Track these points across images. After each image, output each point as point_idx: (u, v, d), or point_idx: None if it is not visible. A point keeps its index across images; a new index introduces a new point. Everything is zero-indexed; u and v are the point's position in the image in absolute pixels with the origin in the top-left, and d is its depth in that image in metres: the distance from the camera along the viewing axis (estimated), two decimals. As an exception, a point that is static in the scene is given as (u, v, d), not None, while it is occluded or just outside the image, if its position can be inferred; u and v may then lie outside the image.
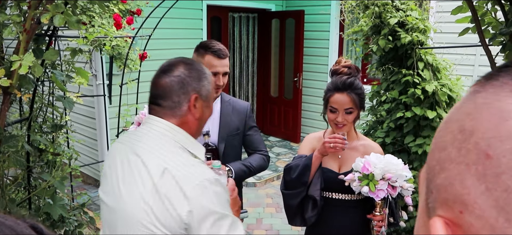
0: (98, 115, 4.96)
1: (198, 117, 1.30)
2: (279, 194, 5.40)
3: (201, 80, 1.31)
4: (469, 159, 0.32)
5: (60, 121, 2.21)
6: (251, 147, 2.32)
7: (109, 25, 3.58)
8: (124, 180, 1.24)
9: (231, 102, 2.26)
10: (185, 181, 1.15)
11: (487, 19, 1.86)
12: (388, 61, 3.18)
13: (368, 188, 1.77)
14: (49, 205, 1.87)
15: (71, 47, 2.04)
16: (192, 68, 1.31)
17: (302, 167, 1.94)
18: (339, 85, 1.91)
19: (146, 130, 1.29)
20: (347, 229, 2.03)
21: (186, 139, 1.28)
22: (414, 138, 3.05)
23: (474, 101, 0.35)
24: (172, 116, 1.27)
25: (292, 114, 7.54)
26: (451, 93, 2.96)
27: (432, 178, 0.37)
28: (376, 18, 3.00)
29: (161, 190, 1.15)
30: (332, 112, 1.94)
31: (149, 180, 1.17)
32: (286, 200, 2.04)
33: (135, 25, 3.82)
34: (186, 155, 1.25)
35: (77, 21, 1.42)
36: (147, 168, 1.19)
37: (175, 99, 1.27)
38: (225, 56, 2.09)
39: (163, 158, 1.21)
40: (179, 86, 1.27)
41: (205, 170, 1.22)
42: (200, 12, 6.07)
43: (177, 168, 1.18)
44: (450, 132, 0.36)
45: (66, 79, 2.08)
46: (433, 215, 0.36)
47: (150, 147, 1.24)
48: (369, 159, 1.81)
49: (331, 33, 7.06)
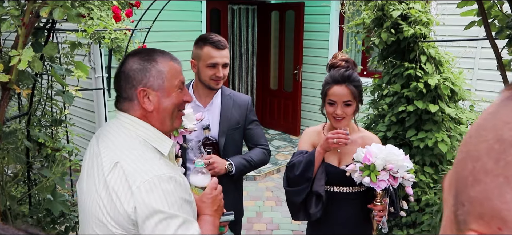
0: (97, 109, 4.93)
1: (153, 109, 1.25)
2: (279, 188, 5.39)
3: (147, 71, 1.24)
4: (508, 171, 0.30)
5: (60, 115, 2.18)
6: (251, 141, 2.30)
7: (108, 17, 3.55)
8: (88, 174, 1.24)
9: (232, 96, 2.24)
10: (134, 177, 1.11)
11: (494, 12, 1.83)
12: (390, 54, 3.16)
13: (369, 179, 1.77)
14: (49, 201, 1.85)
15: (71, 41, 2.01)
16: (136, 61, 1.26)
17: (305, 163, 1.92)
18: (337, 77, 1.91)
19: (113, 122, 1.29)
20: (348, 221, 2.04)
21: (150, 133, 1.25)
22: (416, 132, 3.03)
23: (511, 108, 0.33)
24: (132, 110, 1.25)
25: (291, 107, 7.52)
26: (453, 87, 2.94)
27: (464, 189, 0.34)
28: (379, 11, 2.97)
29: (110, 184, 1.13)
30: (331, 105, 1.93)
31: (101, 174, 1.16)
32: (290, 197, 2.03)
33: (134, 18, 3.78)
34: (144, 150, 1.20)
35: (77, 15, 1.39)
36: (101, 161, 1.18)
37: (125, 95, 1.25)
38: (224, 47, 2.06)
39: (118, 151, 1.18)
40: (125, 81, 1.24)
41: (159, 166, 1.16)
42: (199, 4, 6.02)
43: (129, 162, 1.14)
44: (484, 140, 0.33)
45: (66, 73, 2.05)
46: (465, 229, 0.34)
47: (110, 140, 1.23)
48: (370, 149, 1.81)
49: (331, 25, 7.02)
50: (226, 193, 2.19)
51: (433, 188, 2.93)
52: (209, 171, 2.02)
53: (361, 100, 1.98)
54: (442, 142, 2.87)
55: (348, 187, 2.00)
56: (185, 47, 5.81)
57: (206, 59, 2.05)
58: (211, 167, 2.02)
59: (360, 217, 2.05)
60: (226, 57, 2.07)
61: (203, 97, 2.17)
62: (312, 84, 7.42)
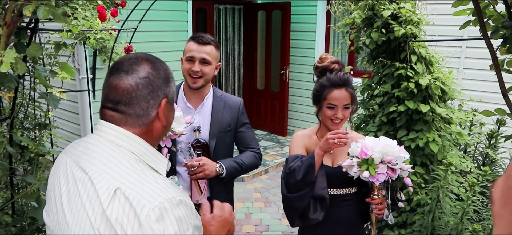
0: (82, 111, 4.82)
1: (165, 124, 1.12)
2: (268, 189, 5.35)
3: (169, 81, 1.11)
4: None
5: (45, 119, 2.10)
6: (243, 144, 2.26)
7: (92, 17, 3.46)
8: (70, 204, 1.00)
9: (223, 97, 2.19)
10: (141, 203, 0.93)
11: (488, 12, 1.82)
12: (380, 54, 3.14)
13: (368, 173, 1.75)
14: (34, 208, 1.77)
15: (55, 41, 1.93)
16: (158, 68, 1.10)
17: (306, 167, 1.89)
18: (337, 81, 1.90)
19: (95, 138, 1.07)
20: (343, 223, 2.03)
21: (145, 150, 1.07)
22: (407, 132, 3.01)
23: None
24: (136, 125, 1.06)
25: (278, 107, 7.49)
26: (444, 86, 2.93)
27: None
28: (369, 10, 2.95)
29: (112, 217, 0.92)
30: (330, 108, 1.92)
31: (98, 205, 0.94)
32: (291, 203, 1.97)
33: (119, 17, 3.69)
34: (144, 169, 1.02)
35: (63, 13, 1.32)
36: (95, 189, 0.96)
37: (143, 106, 1.05)
38: (204, 43, 2.00)
39: (115, 174, 0.98)
40: (149, 90, 1.06)
41: (166, 188, 0.98)
42: (185, 3, 5.95)
43: (131, 187, 0.95)
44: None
45: (50, 75, 1.98)
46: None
47: (99, 160, 1.01)
48: (365, 143, 1.79)
49: (318, 25, 7.02)
50: (216, 196, 2.15)
51: (425, 188, 2.92)
52: (199, 173, 1.98)
53: (356, 101, 1.99)
54: (433, 142, 2.86)
55: (342, 188, 2.00)
56: (171, 48, 5.74)
57: (186, 52, 2.02)
58: (201, 169, 1.97)
59: (354, 219, 2.04)
60: (205, 53, 1.99)
61: (193, 99, 2.12)
62: (299, 84, 7.41)
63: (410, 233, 3.10)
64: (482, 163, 3.45)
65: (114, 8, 3.70)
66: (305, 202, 1.91)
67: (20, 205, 2.05)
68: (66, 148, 1.15)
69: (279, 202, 4.97)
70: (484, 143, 3.50)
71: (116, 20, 3.70)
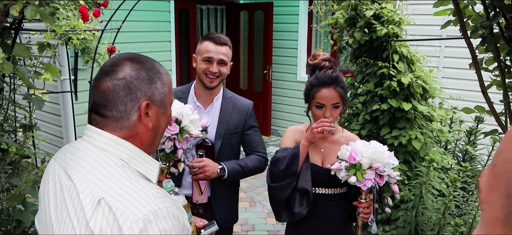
0: (64, 112, 4.75)
1: (151, 127, 1.06)
2: (252, 188, 5.37)
3: (153, 82, 1.06)
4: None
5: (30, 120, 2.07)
6: (249, 147, 2.23)
7: (74, 17, 3.42)
8: (56, 212, 0.98)
9: (233, 99, 2.19)
10: (125, 214, 0.89)
11: (467, 12, 1.87)
12: (363, 54, 3.19)
13: (356, 178, 1.74)
14: (20, 211, 1.75)
15: (39, 42, 1.91)
16: (140, 68, 1.05)
17: (290, 157, 1.88)
18: (325, 79, 1.86)
19: (82, 144, 1.04)
20: (330, 223, 2.01)
21: (135, 156, 1.04)
22: (390, 130, 3.07)
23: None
24: (118, 129, 1.02)
25: (262, 107, 7.52)
26: (425, 85, 3.00)
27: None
28: (352, 10, 3.00)
29: (95, 228, 0.89)
30: (319, 108, 1.89)
31: (82, 215, 0.91)
32: (274, 193, 1.95)
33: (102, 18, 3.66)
34: (131, 177, 0.98)
35: (51, 14, 1.31)
36: (79, 198, 0.93)
37: (121, 108, 1.02)
38: (222, 43, 2.02)
39: (100, 182, 0.95)
40: (126, 92, 1.02)
41: (153, 198, 0.94)
42: (167, 4, 5.92)
43: (115, 197, 0.92)
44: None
45: (34, 76, 1.95)
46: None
47: (86, 168, 0.99)
48: (355, 147, 1.78)
49: (300, 25, 7.07)
50: (218, 197, 2.15)
51: (408, 185, 2.98)
52: (200, 174, 1.98)
53: (346, 101, 1.96)
54: (415, 139, 2.93)
55: (330, 188, 1.97)
56: (154, 48, 5.71)
57: (203, 53, 2.02)
58: (202, 170, 1.97)
59: (342, 219, 2.03)
60: (223, 54, 2.02)
61: (203, 98, 2.11)
62: (282, 84, 7.45)
63: (394, 229, 3.16)
64: (462, 159, 3.54)
65: (97, 9, 3.67)
66: (288, 192, 1.89)
67: (5, 210, 2.02)
68: (56, 154, 1.13)
69: (264, 201, 5.00)
70: (463, 139, 3.59)
71: (99, 20, 3.67)
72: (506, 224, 0.36)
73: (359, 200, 1.85)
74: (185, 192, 2.06)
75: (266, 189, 5.31)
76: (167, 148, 1.74)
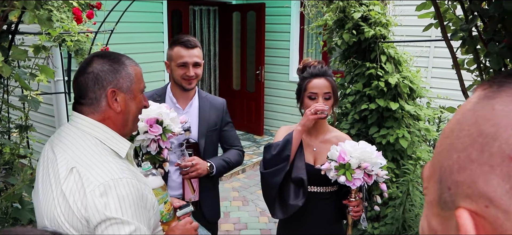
0: (58, 113, 4.78)
1: (120, 111, 1.27)
2: (245, 187, 5.43)
3: (118, 72, 1.27)
4: (493, 161, 0.36)
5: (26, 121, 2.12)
6: (227, 142, 2.33)
7: (68, 19, 3.46)
8: (43, 181, 1.22)
9: (208, 98, 2.27)
10: (89, 180, 1.12)
11: (448, 15, 1.95)
12: (351, 55, 3.27)
13: (345, 177, 1.79)
14: (16, 209, 1.80)
15: (35, 44, 1.96)
16: (105, 62, 1.27)
17: (283, 142, 1.92)
18: (316, 71, 1.94)
19: (67, 126, 1.28)
20: (321, 221, 2.05)
21: (108, 135, 1.26)
22: (378, 129, 3.15)
23: (491, 107, 0.38)
24: (92, 113, 1.26)
25: (254, 107, 7.58)
26: (412, 85, 3.08)
27: (449, 176, 0.41)
28: (340, 13, 3.07)
29: (66, 191, 1.12)
30: (311, 99, 1.94)
31: (58, 180, 1.15)
32: (267, 179, 1.97)
33: (95, 19, 3.70)
34: (101, 152, 1.21)
35: (48, 19, 1.37)
36: (57, 167, 1.17)
37: (92, 96, 1.25)
38: (193, 46, 2.08)
39: (75, 156, 1.18)
40: (93, 82, 1.25)
41: (116, 169, 1.16)
42: (160, 5, 5.96)
43: (85, 167, 1.14)
44: (467, 135, 0.39)
45: (30, 78, 2.00)
46: (453, 207, 0.40)
47: (66, 144, 1.22)
48: (344, 147, 1.83)
49: (292, 26, 7.14)
50: (206, 193, 2.21)
51: (396, 182, 3.06)
52: (193, 172, 2.04)
53: (337, 97, 2.00)
54: (402, 138, 3.01)
55: (322, 187, 2.01)
56: (147, 49, 5.75)
57: (177, 59, 2.07)
58: (195, 168, 2.03)
59: (333, 217, 2.07)
60: (196, 56, 2.08)
61: (181, 99, 2.18)
62: (275, 84, 7.52)
63: (382, 226, 3.24)
64: (449, 157, 3.62)
65: (90, 10, 3.72)
66: (279, 178, 1.91)
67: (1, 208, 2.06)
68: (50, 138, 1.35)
69: (257, 200, 5.06)
70: (450, 138, 3.67)
71: (92, 22, 3.71)
72: (438, 204, 0.43)
73: (349, 198, 1.90)
74: (173, 193, 2.11)
75: (259, 188, 5.38)
76: (152, 150, 1.80)
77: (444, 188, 0.41)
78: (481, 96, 0.41)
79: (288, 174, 1.96)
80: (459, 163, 0.39)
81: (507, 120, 0.36)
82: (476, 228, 0.37)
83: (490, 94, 0.40)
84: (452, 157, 0.40)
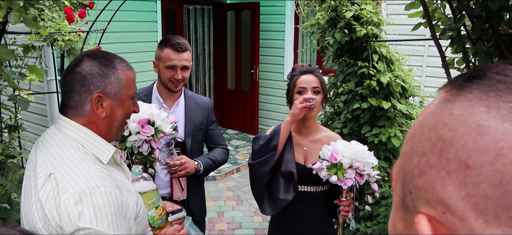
0: (50, 113, 4.76)
1: (104, 117, 1.21)
2: (239, 187, 5.43)
3: (106, 77, 1.20)
4: (449, 167, 0.36)
5: (15, 121, 2.10)
6: (213, 141, 2.35)
7: (60, 19, 3.44)
8: (25, 183, 1.18)
9: (194, 97, 2.28)
10: (65, 188, 1.06)
11: (437, 14, 1.96)
12: (344, 54, 3.27)
13: (337, 177, 1.79)
14: (5, 210, 1.79)
15: (24, 44, 1.95)
16: (95, 64, 1.20)
17: (272, 132, 1.93)
18: (304, 69, 1.98)
19: (52, 129, 1.22)
20: (312, 220, 2.05)
21: (91, 140, 1.19)
22: (371, 128, 3.16)
23: (450, 111, 0.38)
24: (76, 116, 1.19)
25: (249, 107, 7.58)
26: (404, 84, 3.09)
27: (411, 180, 0.40)
28: (332, 12, 3.08)
29: (43, 198, 1.07)
30: (301, 93, 1.94)
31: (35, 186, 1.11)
32: (255, 171, 1.96)
33: (87, 19, 3.68)
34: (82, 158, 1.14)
35: (33, 18, 1.36)
36: (36, 172, 1.12)
37: (76, 98, 1.18)
38: (183, 50, 2.08)
39: (54, 160, 1.12)
40: (80, 84, 1.18)
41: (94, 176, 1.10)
42: (154, 4, 5.95)
43: (63, 173, 1.09)
44: (427, 138, 0.39)
45: (19, 77, 1.99)
46: (414, 212, 0.40)
47: (47, 148, 1.17)
48: (336, 147, 1.83)
49: (286, 25, 7.14)
50: (193, 192, 2.22)
51: (388, 182, 3.07)
52: (181, 171, 2.04)
53: (326, 95, 2.02)
54: (394, 137, 3.01)
55: (313, 186, 2.01)
56: (140, 48, 5.73)
57: (165, 61, 2.07)
58: (183, 167, 2.04)
59: (324, 216, 2.07)
60: (185, 60, 2.08)
61: (167, 99, 2.18)
62: (269, 83, 7.52)
63: (375, 225, 3.24)
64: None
65: (82, 10, 3.70)
66: (267, 167, 1.91)
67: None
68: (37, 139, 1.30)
69: (251, 199, 5.06)
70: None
71: (84, 21, 3.69)
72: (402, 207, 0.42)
73: (340, 198, 1.91)
74: (161, 192, 2.11)
75: (253, 187, 5.38)
76: (144, 150, 1.80)
77: (406, 192, 0.41)
78: (442, 99, 0.41)
79: (277, 168, 1.96)
80: (420, 167, 0.39)
81: (464, 125, 0.36)
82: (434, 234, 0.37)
83: (450, 97, 0.39)
84: (413, 161, 0.40)
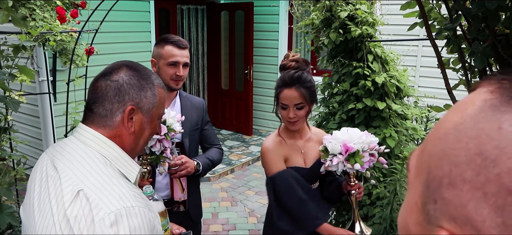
0: (42, 114, 4.71)
1: (133, 132, 1.13)
2: (234, 188, 5.41)
3: (143, 90, 1.14)
4: (488, 188, 0.32)
5: (5, 123, 2.06)
6: (208, 141, 2.35)
7: (51, 18, 3.39)
8: (39, 197, 1.05)
9: (188, 98, 2.28)
10: (99, 206, 0.96)
11: (433, 14, 1.95)
12: (338, 54, 3.26)
13: (359, 164, 1.84)
14: (-5, 214, 1.75)
15: (14, 44, 1.91)
16: (134, 75, 1.14)
17: None
18: (287, 80, 1.88)
19: (71, 139, 1.12)
20: None
21: (117, 155, 1.11)
22: (366, 129, 3.14)
23: (498, 124, 0.33)
24: (101, 126, 1.11)
25: (243, 107, 7.56)
26: (399, 84, 3.08)
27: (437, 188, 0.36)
28: (327, 12, 3.06)
29: (72, 216, 0.96)
30: (284, 108, 1.92)
31: (61, 203, 0.98)
32: None
33: (79, 18, 3.63)
34: (111, 174, 1.06)
35: (22, 18, 1.33)
36: (61, 187, 1.01)
37: (107, 107, 1.11)
38: (184, 47, 2.09)
39: (81, 175, 1.02)
40: (115, 92, 1.11)
41: (128, 196, 1.00)
42: (147, 4, 5.90)
43: (93, 190, 0.99)
44: (465, 148, 0.34)
45: (9, 78, 1.96)
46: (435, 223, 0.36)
47: (70, 161, 1.06)
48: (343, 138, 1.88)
49: (280, 25, 7.13)
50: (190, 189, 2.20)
51: (383, 182, 3.06)
52: (182, 171, 2.02)
53: (314, 100, 1.95)
54: (390, 137, 3.00)
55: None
56: (133, 49, 5.69)
57: (167, 57, 2.05)
58: (184, 166, 2.02)
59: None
60: (186, 57, 2.09)
61: None
62: (263, 83, 7.50)
63: (371, 225, 3.23)
64: (436, 156, 3.63)
65: (74, 9, 3.65)
66: None
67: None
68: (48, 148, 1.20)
69: (245, 200, 5.04)
70: (437, 137, 3.68)
71: (77, 21, 3.65)
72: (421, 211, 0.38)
73: (350, 183, 1.97)
74: (160, 194, 2.09)
75: (248, 189, 5.37)
76: (157, 150, 1.78)
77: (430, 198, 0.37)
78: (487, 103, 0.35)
79: None
80: (450, 178, 0.35)
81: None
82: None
83: (498, 104, 0.34)
84: (443, 167, 0.36)
